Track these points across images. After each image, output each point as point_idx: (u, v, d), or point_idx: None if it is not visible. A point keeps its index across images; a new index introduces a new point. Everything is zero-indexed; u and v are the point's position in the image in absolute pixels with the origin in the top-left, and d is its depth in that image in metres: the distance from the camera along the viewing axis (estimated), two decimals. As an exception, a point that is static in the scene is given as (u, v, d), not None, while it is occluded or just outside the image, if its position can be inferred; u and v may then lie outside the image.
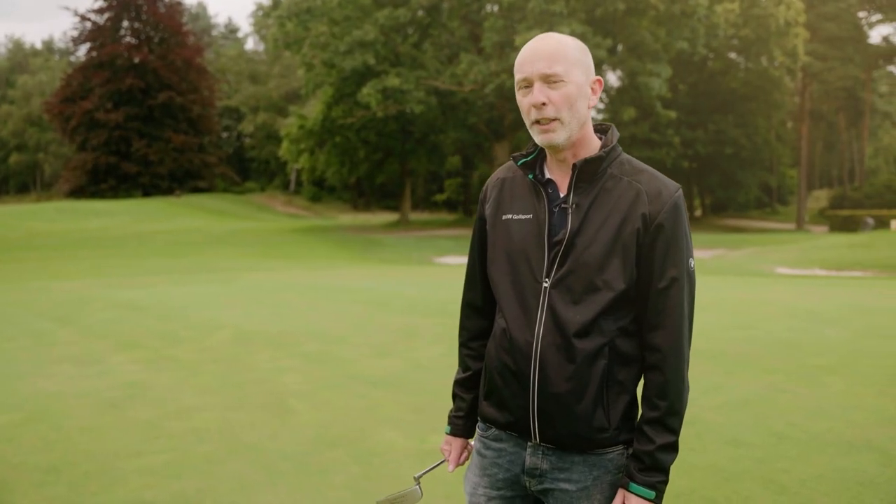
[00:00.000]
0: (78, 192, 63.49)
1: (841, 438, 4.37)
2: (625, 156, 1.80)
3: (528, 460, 1.82)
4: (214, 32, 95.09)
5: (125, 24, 65.14)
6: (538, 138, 1.74)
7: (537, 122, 1.71)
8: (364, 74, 31.62)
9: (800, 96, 47.87)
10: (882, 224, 34.68)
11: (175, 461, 4.40)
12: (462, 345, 2.01)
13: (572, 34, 26.80)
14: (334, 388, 5.95)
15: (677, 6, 29.25)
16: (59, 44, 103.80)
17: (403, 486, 3.20)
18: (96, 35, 64.05)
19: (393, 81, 29.80)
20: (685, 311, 1.74)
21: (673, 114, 35.37)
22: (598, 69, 33.60)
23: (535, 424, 1.77)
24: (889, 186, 48.94)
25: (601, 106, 43.47)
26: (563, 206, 1.75)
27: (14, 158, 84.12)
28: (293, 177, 66.05)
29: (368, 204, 64.68)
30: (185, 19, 70.18)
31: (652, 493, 1.75)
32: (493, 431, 1.87)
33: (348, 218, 54.83)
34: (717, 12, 31.10)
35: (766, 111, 48.23)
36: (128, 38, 65.08)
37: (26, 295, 13.16)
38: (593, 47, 27.21)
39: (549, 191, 1.78)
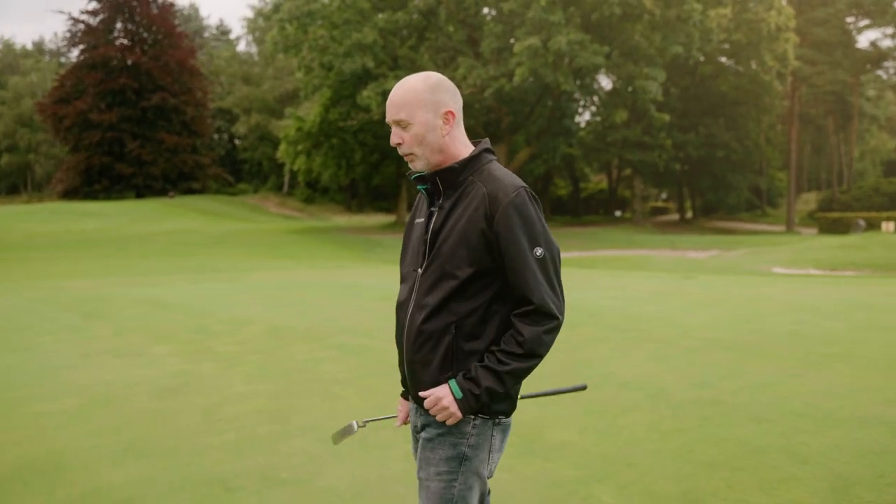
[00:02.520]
0: (72, 193, 63.43)
1: (853, 415, 4.80)
2: (493, 165, 2.16)
3: (412, 418, 2.29)
4: (206, 34, 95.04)
5: (118, 25, 65.15)
6: (409, 166, 2.18)
7: (403, 155, 2.16)
8: (362, 77, 31.95)
9: (789, 100, 48.56)
10: (872, 226, 35.31)
11: (241, 440, 4.77)
12: None
13: (570, 42, 27.30)
14: (375, 376, 6.32)
15: (672, 11, 29.76)
16: (50, 45, 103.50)
17: None
18: (89, 36, 64.01)
19: (392, 84, 30.12)
20: (544, 284, 2.06)
21: (667, 117, 35.90)
22: (595, 75, 34.16)
23: (410, 391, 2.21)
24: (877, 189, 49.69)
25: (593, 108, 44.03)
26: (433, 209, 2.19)
27: (5, 160, 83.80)
28: (287, 178, 66.19)
29: (361, 205, 64.96)
30: (177, 21, 70.22)
31: (461, 394, 2.04)
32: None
33: (343, 219, 55.10)
34: (710, 17, 31.65)
35: (756, 115, 48.94)
36: (121, 40, 65.07)
37: (45, 293, 13.45)
38: (590, 54, 27.69)
39: (433, 198, 2.20)
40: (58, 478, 4.16)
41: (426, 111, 2.11)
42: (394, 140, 2.15)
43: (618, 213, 58.77)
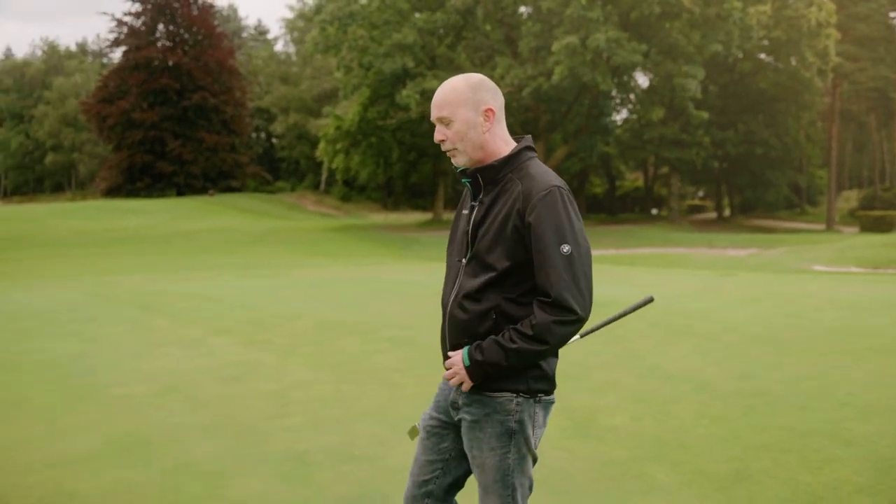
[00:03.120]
0: (114, 191, 64.91)
1: (896, 405, 4.99)
2: (532, 163, 2.29)
3: (451, 394, 2.37)
4: (245, 34, 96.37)
5: (160, 26, 66.50)
6: (452, 161, 2.35)
7: (446, 151, 2.32)
8: (400, 76, 32.35)
9: (830, 97, 47.88)
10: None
11: (311, 422, 5.10)
12: None
13: (608, 40, 27.35)
14: (430, 366, 6.61)
15: (712, 9, 29.59)
16: (93, 46, 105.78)
17: None
18: (132, 38, 65.44)
19: (431, 83, 30.50)
20: (566, 279, 2.16)
21: (706, 114, 35.68)
22: (632, 73, 34.13)
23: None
24: (921, 187, 48.78)
25: (629, 106, 43.89)
26: (475, 203, 2.35)
27: (50, 158, 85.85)
28: (324, 177, 66.95)
29: (398, 203, 65.43)
30: (217, 21, 71.41)
31: (468, 363, 2.23)
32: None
33: (379, 217, 55.61)
34: (750, 14, 31.41)
35: (795, 111, 48.32)
36: (163, 41, 66.44)
37: (101, 288, 13.99)
38: (628, 52, 27.69)
39: (476, 193, 2.35)
40: (149, 452, 4.53)
41: (467, 109, 2.27)
42: (437, 137, 2.31)
43: (654, 211, 58.42)
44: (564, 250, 2.16)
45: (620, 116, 45.00)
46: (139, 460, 4.38)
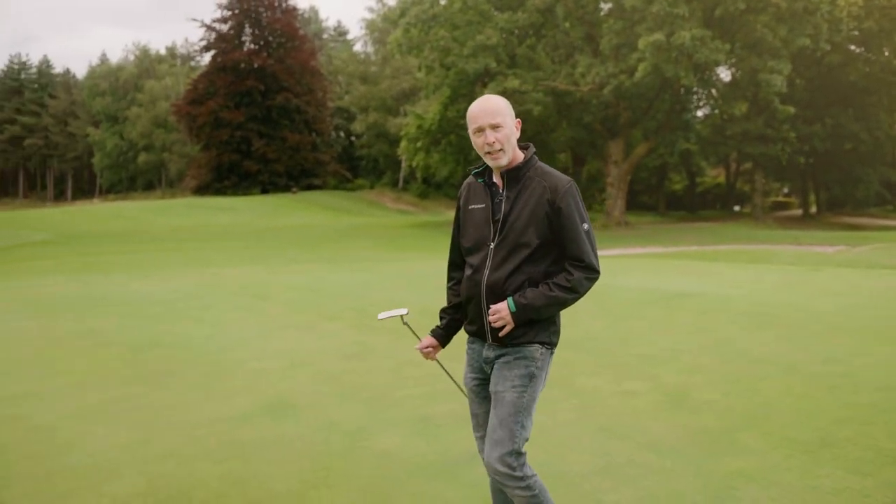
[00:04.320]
0: (203, 190, 67.74)
1: (978, 388, 5.28)
2: (539, 164, 2.87)
3: (484, 353, 2.92)
4: (325, 35, 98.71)
5: (247, 30, 69.00)
6: (490, 162, 2.82)
7: (489, 152, 2.78)
8: (480, 76, 32.93)
9: (925, 88, 46.01)
10: None
11: (429, 393, 5.73)
12: (448, 287, 3.14)
13: (692, 38, 27.24)
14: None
15: (799, 3, 28.98)
16: (181, 50, 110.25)
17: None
18: (221, 42, 68.19)
19: (512, 83, 30.96)
20: (591, 248, 2.79)
21: (792, 109, 34.94)
22: (716, 69, 33.77)
23: (487, 331, 2.86)
24: None
25: (711, 102, 43.23)
26: (501, 198, 2.85)
27: (142, 158, 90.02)
28: (402, 174, 68.18)
29: (475, 201, 65.94)
30: (299, 24, 73.54)
31: (514, 308, 2.75)
32: (469, 339, 2.99)
33: (458, 214, 56.26)
34: (839, 6, 30.67)
35: (888, 104, 46.57)
36: (249, 44, 68.96)
37: (209, 279, 15.04)
38: (711, 51, 27.47)
39: (493, 189, 2.88)
40: (295, 413, 5.25)
41: (511, 118, 2.82)
42: (489, 139, 2.76)
43: (736, 209, 57.27)
44: (585, 227, 2.79)
45: (702, 112, 44.38)
46: (288, 419, 5.10)
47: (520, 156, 2.87)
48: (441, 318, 3.14)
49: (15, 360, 7.28)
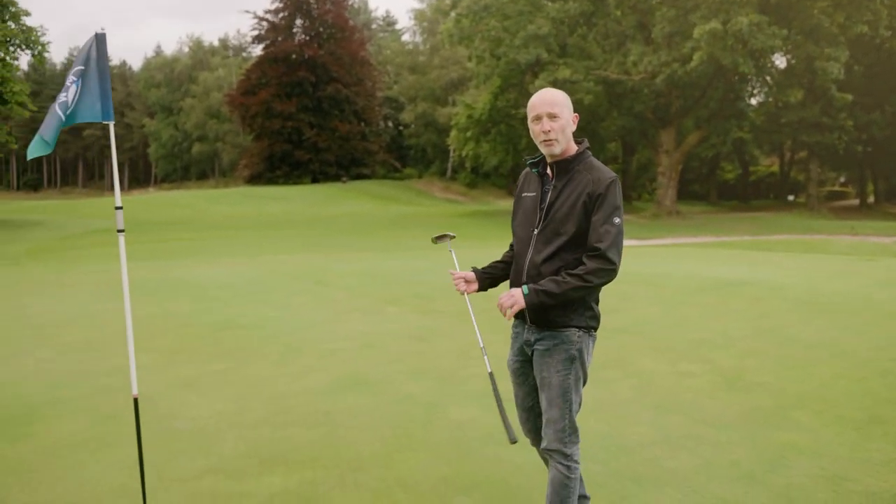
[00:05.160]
0: (255, 179, 69.11)
1: None
2: (591, 159, 2.97)
3: (525, 336, 3.04)
4: (374, 26, 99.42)
5: (298, 21, 69.99)
6: (544, 150, 2.95)
7: (544, 140, 2.92)
8: (531, 65, 33.04)
9: None
10: None
11: (495, 372, 6.07)
12: (505, 253, 3.29)
13: (749, 24, 26.92)
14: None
15: (858, -11, 28.46)
16: (233, 41, 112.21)
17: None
18: (273, 33, 69.35)
19: (563, 72, 31.03)
20: (612, 241, 2.82)
21: (849, 97, 34.25)
22: (772, 56, 33.28)
23: (527, 313, 2.96)
24: None
25: (765, 89, 42.48)
26: (549, 187, 3.00)
27: (196, 148, 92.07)
28: (451, 163, 68.56)
29: (522, 189, 65.96)
30: (348, 14, 74.26)
31: (527, 291, 2.86)
32: (514, 322, 3.11)
33: (506, 203, 56.43)
34: (900, -10, 29.97)
35: (952, 91, 45.26)
36: (300, 35, 69.98)
37: (272, 265, 15.64)
38: (768, 37, 27.11)
39: (544, 179, 3.02)
40: (372, 387, 5.67)
41: (569, 111, 2.95)
42: (545, 127, 2.89)
43: (790, 198, 56.23)
44: (615, 221, 2.86)
45: (755, 100, 43.65)
46: (367, 393, 5.53)
47: (573, 148, 3.00)
48: (487, 267, 3.30)
49: (105, 338, 7.86)
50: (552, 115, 2.92)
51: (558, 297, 2.84)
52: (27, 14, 28.83)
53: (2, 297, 11.24)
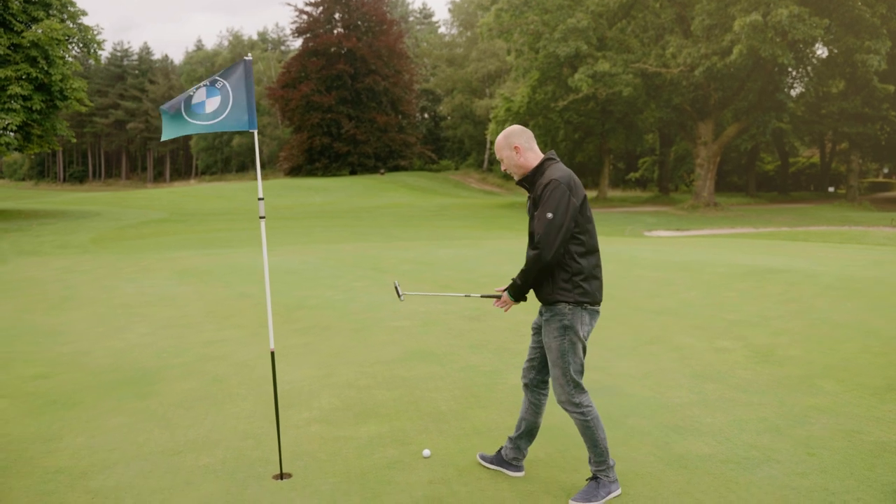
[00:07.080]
0: (295, 171, 70.43)
1: None
2: (547, 167, 3.59)
3: (540, 308, 3.76)
4: (411, 18, 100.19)
5: (336, 14, 71.00)
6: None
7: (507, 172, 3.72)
8: (570, 58, 33.46)
9: None
10: None
11: (546, 347, 6.77)
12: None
13: (790, 15, 27.00)
14: (623, 322, 8.12)
15: (900, -20, 28.34)
16: (272, 35, 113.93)
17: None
18: (312, 26, 70.49)
19: (602, 66, 31.41)
20: (540, 229, 3.46)
21: (892, 87, 34.07)
22: (813, 47, 33.21)
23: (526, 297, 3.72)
24: None
25: (805, 79, 42.27)
26: (529, 199, 3.66)
27: (236, 141, 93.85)
28: (487, 155, 69.11)
29: (560, 181, 66.22)
30: (386, 7, 75.07)
31: (509, 290, 3.69)
32: None
33: (543, 195, 56.76)
34: (944, -20, 29.69)
35: None
36: (339, 28, 70.99)
37: (325, 254, 16.44)
38: (808, 27, 27.15)
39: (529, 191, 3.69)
40: (438, 358, 6.39)
41: (508, 150, 3.67)
42: (503, 168, 3.74)
43: (831, 190, 55.76)
44: (548, 216, 3.46)
45: (795, 91, 43.48)
46: (433, 363, 6.26)
47: (531, 165, 3.66)
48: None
49: (191, 316, 8.70)
50: (499, 159, 3.75)
51: (523, 285, 3.60)
52: (84, 14, 30.05)
53: (86, 281, 12.21)
